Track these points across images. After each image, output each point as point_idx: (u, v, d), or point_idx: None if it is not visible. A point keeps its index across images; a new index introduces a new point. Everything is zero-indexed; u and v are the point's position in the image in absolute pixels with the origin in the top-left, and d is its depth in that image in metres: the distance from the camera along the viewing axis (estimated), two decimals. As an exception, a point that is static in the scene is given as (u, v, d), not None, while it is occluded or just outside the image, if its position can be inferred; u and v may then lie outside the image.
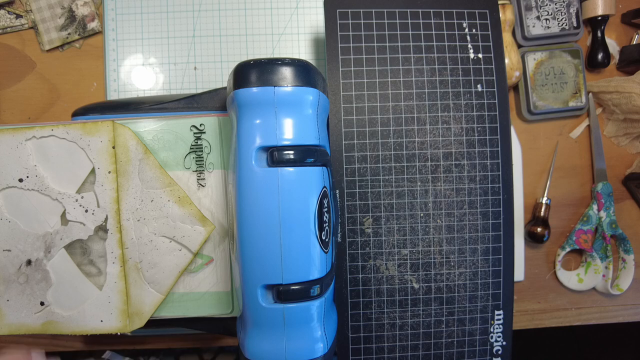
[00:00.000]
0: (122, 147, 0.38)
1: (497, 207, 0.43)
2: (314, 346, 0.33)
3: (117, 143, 0.37)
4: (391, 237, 0.43)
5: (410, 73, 0.43)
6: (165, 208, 0.38)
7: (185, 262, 0.38)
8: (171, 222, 0.38)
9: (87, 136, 0.38)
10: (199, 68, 0.51)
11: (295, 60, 0.33)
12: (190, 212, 0.38)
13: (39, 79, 0.50)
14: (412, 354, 0.43)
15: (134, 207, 0.38)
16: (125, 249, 0.38)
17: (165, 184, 0.38)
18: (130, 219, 0.38)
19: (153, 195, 0.38)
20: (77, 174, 0.38)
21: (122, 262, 0.38)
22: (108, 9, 0.50)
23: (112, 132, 0.37)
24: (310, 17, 0.51)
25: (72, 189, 0.38)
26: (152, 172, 0.38)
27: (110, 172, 0.37)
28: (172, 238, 0.38)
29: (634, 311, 0.53)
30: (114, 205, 0.37)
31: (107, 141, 0.37)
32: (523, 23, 0.50)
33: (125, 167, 0.38)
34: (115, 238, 0.38)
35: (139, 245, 0.38)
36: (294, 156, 0.32)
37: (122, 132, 0.38)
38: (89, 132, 0.38)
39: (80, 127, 0.38)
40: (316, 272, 0.33)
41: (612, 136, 0.53)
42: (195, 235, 0.38)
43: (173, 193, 0.38)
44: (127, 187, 0.38)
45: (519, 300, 0.53)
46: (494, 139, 0.43)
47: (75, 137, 0.38)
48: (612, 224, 0.51)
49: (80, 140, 0.38)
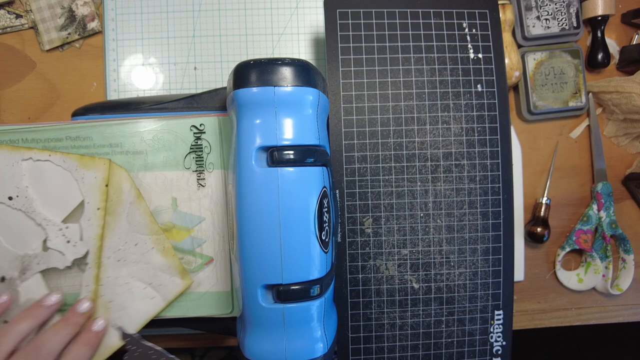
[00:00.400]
0: (115, 187, 0.38)
1: (497, 207, 0.43)
2: (314, 346, 0.33)
3: (111, 182, 0.38)
4: (391, 237, 0.43)
5: (410, 73, 0.43)
6: (148, 254, 0.38)
7: (155, 311, 0.38)
8: (151, 270, 0.38)
9: (82, 169, 0.38)
10: (199, 68, 0.51)
11: (295, 60, 0.33)
12: (172, 263, 0.38)
13: (39, 79, 0.50)
14: (412, 354, 0.43)
15: (117, 247, 0.38)
16: (100, 285, 0.38)
17: (153, 231, 0.38)
18: (110, 257, 0.38)
19: (138, 239, 0.38)
20: (67, 203, 0.38)
21: (95, 297, 0.38)
22: (108, 9, 0.50)
23: (107, 170, 0.38)
24: (310, 17, 0.51)
25: (59, 217, 0.38)
26: (141, 217, 0.38)
27: (99, 208, 0.38)
28: (148, 284, 0.38)
29: (634, 311, 0.53)
30: (97, 241, 0.38)
31: (102, 178, 0.38)
32: (523, 23, 0.50)
33: (115, 206, 0.38)
34: (93, 273, 0.38)
35: (114, 286, 0.38)
36: (294, 156, 0.32)
37: (117, 172, 0.38)
38: (85, 165, 0.38)
39: (77, 159, 0.38)
40: (316, 272, 0.33)
41: (612, 136, 0.53)
42: (172, 286, 0.38)
43: (159, 242, 0.38)
44: (113, 226, 0.38)
45: (519, 300, 0.53)
46: (494, 139, 0.43)
47: (71, 167, 0.38)
48: (612, 224, 0.51)
49: (76, 171, 0.38)
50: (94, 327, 0.37)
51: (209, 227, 0.40)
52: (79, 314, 0.36)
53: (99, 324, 0.37)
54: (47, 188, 0.38)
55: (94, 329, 0.36)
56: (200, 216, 0.40)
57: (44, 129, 0.39)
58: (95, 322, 0.37)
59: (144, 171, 0.39)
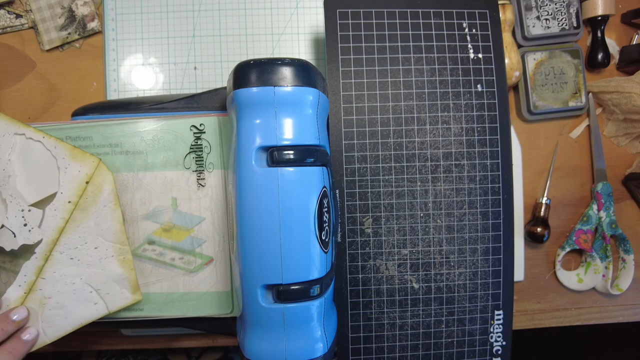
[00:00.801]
0: (96, 186, 0.37)
1: (497, 207, 0.43)
2: (313, 346, 0.33)
3: (93, 181, 0.37)
4: (391, 237, 0.43)
5: (410, 73, 0.43)
6: (106, 261, 0.38)
7: (92, 317, 0.37)
8: (104, 277, 0.38)
9: (69, 159, 0.37)
10: (199, 68, 0.51)
11: (295, 60, 0.33)
12: (128, 276, 0.38)
13: (39, 78, 0.50)
14: (412, 354, 0.43)
15: (75, 244, 0.37)
16: (40, 279, 0.37)
17: (119, 240, 0.38)
18: (64, 253, 0.37)
19: (100, 243, 0.37)
20: (44, 188, 0.37)
21: (28, 290, 0.36)
22: (108, 9, 0.50)
23: (94, 169, 0.37)
24: (310, 17, 0.51)
25: (30, 198, 0.37)
26: (112, 223, 0.37)
27: (70, 202, 0.37)
28: (95, 289, 0.37)
29: (634, 311, 0.53)
30: (55, 233, 0.37)
31: (85, 174, 0.37)
32: (523, 23, 0.50)
33: (88, 205, 0.37)
34: (37, 264, 0.37)
35: (57, 282, 0.37)
36: (294, 156, 0.32)
37: (103, 174, 0.38)
38: (74, 157, 0.37)
39: (69, 149, 0.37)
40: (316, 272, 0.33)
41: (612, 136, 0.53)
42: (120, 298, 0.38)
43: (121, 252, 0.38)
44: (79, 223, 0.37)
45: (519, 300, 0.53)
46: (494, 139, 0.43)
47: (59, 154, 0.37)
48: (612, 224, 0.51)
49: (62, 160, 0.37)
50: (24, 336, 0.35)
51: (209, 227, 0.40)
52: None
53: (29, 334, 0.35)
54: (30, 168, 0.37)
55: (24, 338, 0.35)
56: (200, 216, 0.40)
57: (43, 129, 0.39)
58: (26, 331, 0.35)
59: (144, 171, 0.39)
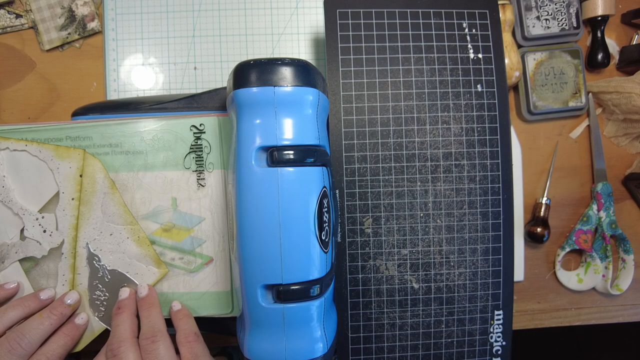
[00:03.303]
0: (89, 177, 0.38)
1: (497, 207, 0.43)
2: (313, 346, 0.33)
3: (85, 172, 0.38)
4: (391, 237, 0.43)
5: (410, 73, 0.43)
6: (124, 244, 0.39)
7: None
8: (127, 259, 0.39)
9: (57, 159, 0.38)
10: (199, 68, 0.51)
11: (295, 60, 0.33)
12: (147, 253, 0.39)
13: (39, 78, 0.50)
14: (412, 354, 0.43)
15: (92, 236, 0.38)
16: (77, 274, 0.38)
17: (127, 221, 0.39)
18: (86, 247, 0.38)
19: (113, 229, 0.38)
20: (43, 193, 0.38)
21: (72, 286, 0.38)
22: (108, 9, 0.50)
23: (82, 160, 0.38)
24: (310, 17, 0.51)
25: (35, 206, 0.38)
26: (115, 207, 0.38)
27: (73, 199, 0.38)
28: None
29: (634, 311, 0.53)
30: (72, 231, 0.38)
31: (76, 169, 0.38)
32: (523, 23, 0.50)
33: (89, 197, 0.38)
34: (69, 263, 0.38)
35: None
36: (293, 156, 0.32)
37: (91, 163, 0.38)
38: (60, 155, 0.38)
39: (52, 149, 0.38)
40: (316, 272, 0.33)
41: (612, 136, 0.53)
42: (149, 275, 0.39)
43: (133, 232, 0.39)
44: (88, 216, 0.38)
45: (519, 300, 0.53)
46: (494, 139, 0.43)
47: (46, 157, 0.38)
48: (611, 224, 0.51)
49: (51, 161, 0.38)
50: (77, 320, 0.37)
51: (209, 227, 0.40)
52: (65, 305, 0.37)
53: (81, 318, 0.38)
54: (24, 178, 0.38)
55: (77, 322, 0.37)
56: (200, 216, 0.40)
57: (44, 129, 0.39)
58: (78, 316, 0.38)
59: (144, 171, 0.39)
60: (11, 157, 0.38)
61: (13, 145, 0.38)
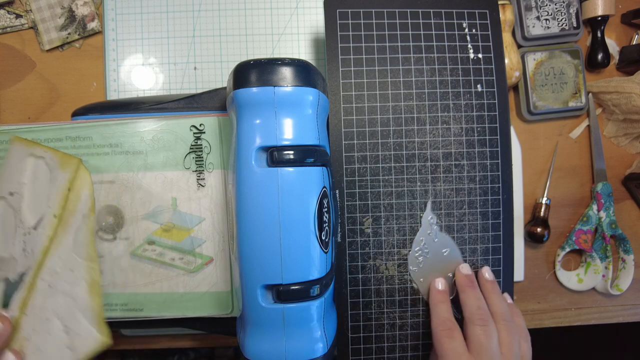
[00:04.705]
0: (75, 192, 0.32)
1: (496, 207, 0.43)
2: (313, 346, 0.33)
3: (74, 186, 0.33)
4: (391, 237, 0.43)
5: (410, 73, 0.43)
6: (77, 287, 0.32)
7: None
8: (73, 308, 0.32)
9: (59, 169, 0.33)
10: (199, 68, 0.51)
11: (295, 60, 0.33)
12: (95, 307, 0.32)
13: (38, 79, 0.50)
14: (412, 354, 0.43)
15: (55, 268, 0.31)
16: (23, 315, 0.31)
17: (89, 257, 0.32)
18: (45, 280, 0.31)
19: (75, 264, 0.32)
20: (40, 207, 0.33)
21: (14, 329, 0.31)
22: (108, 9, 0.50)
23: (74, 172, 0.33)
24: (310, 17, 0.51)
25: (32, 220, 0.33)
26: (85, 236, 0.32)
27: (55, 216, 0.32)
28: (65, 327, 0.31)
29: (634, 311, 0.53)
30: (40, 256, 0.31)
31: (66, 181, 0.33)
32: (523, 23, 0.50)
33: (68, 217, 0.32)
34: (21, 296, 0.31)
35: (36, 319, 0.31)
36: (293, 156, 0.32)
37: (82, 176, 0.33)
38: (62, 164, 0.33)
39: (59, 157, 0.34)
40: (316, 272, 0.33)
41: (612, 136, 0.53)
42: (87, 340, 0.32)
43: (90, 272, 0.32)
44: (61, 241, 0.32)
45: (519, 300, 0.53)
46: (494, 139, 0.43)
47: (53, 165, 0.34)
48: (611, 224, 0.51)
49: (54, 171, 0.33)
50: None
51: (209, 227, 0.40)
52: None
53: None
54: (34, 187, 0.34)
55: None
56: (200, 216, 0.40)
57: (44, 129, 0.39)
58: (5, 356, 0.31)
59: (144, 171, 0.39)
60: (35, 164, 0.34)
61: (38, 151, 0.34)
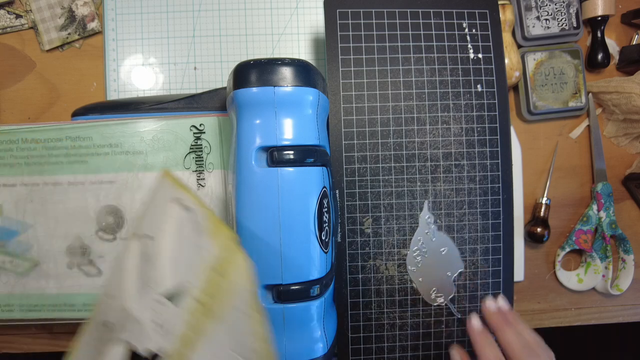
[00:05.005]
0: (229, 281, 0.24)
1: (496, 207, 0.43)
2: (313, 346, 0.33)
3: (225, 270, 0.24)
4: (391, 237, 0.43)
5: (410, 73, 0.43)
6: None
7: None
8: None
9: (207, 236, 0.26)
10: (199, 68, 0.51)
11: (295, 60, 0.33)
12: None
13: (38, 79, 0.50)
14: (412, 354, 0.43)
15: None
16: None
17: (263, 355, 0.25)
18: None
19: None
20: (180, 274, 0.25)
21: None
22: (108, 9, 0.50)
23: (224, 250, 0.24)
24: (310, 17, 0.51)
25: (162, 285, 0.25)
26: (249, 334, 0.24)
27: (198, 301, 0.24)
28: None
29: (634, 311, 0.53)
30: (180, 345, 0.24)
31: (215, 258, 0.25)
32: (523, 23, 0.50)
33: (218, 309, 0.24)
34: None
35: None
36: (293, 156, 0.32)
37: (236, 260, 0.25)
38: (214, 232, 0.25)
39: (213, 222, 0.26)
40: (316, 272, 0.33)
41: (612, 136, 0.53)
42: None
43: None
44: (210, 336, 0.24)
45: (519, 300, 0.53)
46: (494, 139, 0.43)
47: (202, 229, 0.26)
48: (611, 224, 0.51)
49: (202, 236, 0.26)
50: None
51: (209, 227, 0.39)
52: None
53: None
54: (177, 243, 0.27)
55: None
56: (200, 216, 0.39)
57: (44, 129, 0.39)
58: None
59: (144, 171, 0.39)
60: (179, 214, 0.27)
61: (185, 201, 0.27)
